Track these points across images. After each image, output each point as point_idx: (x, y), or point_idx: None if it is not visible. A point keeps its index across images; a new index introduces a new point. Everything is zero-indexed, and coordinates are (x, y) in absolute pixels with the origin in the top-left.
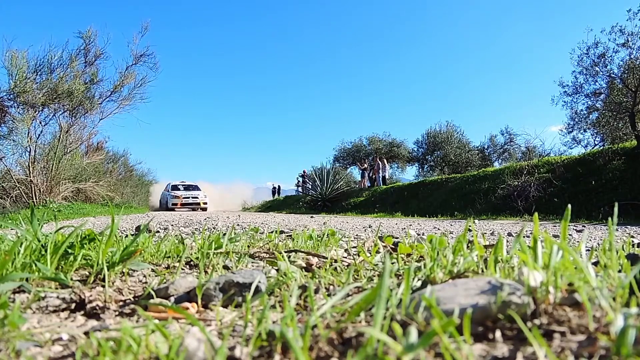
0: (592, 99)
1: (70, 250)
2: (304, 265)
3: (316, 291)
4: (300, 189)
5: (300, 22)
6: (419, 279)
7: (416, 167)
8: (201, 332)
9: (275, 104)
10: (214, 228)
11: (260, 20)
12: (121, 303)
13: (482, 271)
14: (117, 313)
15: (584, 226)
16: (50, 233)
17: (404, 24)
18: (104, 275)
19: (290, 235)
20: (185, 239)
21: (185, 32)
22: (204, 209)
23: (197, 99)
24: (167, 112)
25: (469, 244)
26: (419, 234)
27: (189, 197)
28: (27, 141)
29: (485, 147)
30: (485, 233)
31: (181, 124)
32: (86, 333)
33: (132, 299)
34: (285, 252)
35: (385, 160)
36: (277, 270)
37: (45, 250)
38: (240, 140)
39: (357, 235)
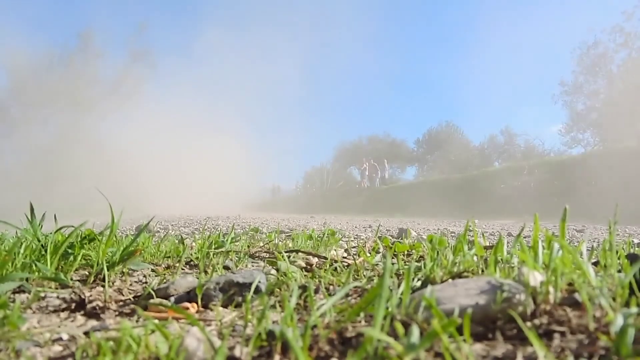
0: (591, 98)
1: (70, 250)
2: (304, 265)
3: (316, 291)
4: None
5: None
6: (419, 279)
7: (416, 167)
8: (201, 332)
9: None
10: (214, 228)
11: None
12: (121, 303)
13: (482, 271)
14: (117, 313)
15: (584, 226)
16: (50, 233)
17: (404, 24)
18: (104, 275)
19: (290, 235)
20: (185, 238)
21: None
22: None
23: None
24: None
25: (469, 244)
26: (418, 234)
27: None
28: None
29: (485, 147)
30: (485, 233)
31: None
32: (86, 333)
33: (132, 299)
34: (285, 252)
35: (385, 160)
36: (277, 270)
37: (45, 250)
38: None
39: (357, 235)
